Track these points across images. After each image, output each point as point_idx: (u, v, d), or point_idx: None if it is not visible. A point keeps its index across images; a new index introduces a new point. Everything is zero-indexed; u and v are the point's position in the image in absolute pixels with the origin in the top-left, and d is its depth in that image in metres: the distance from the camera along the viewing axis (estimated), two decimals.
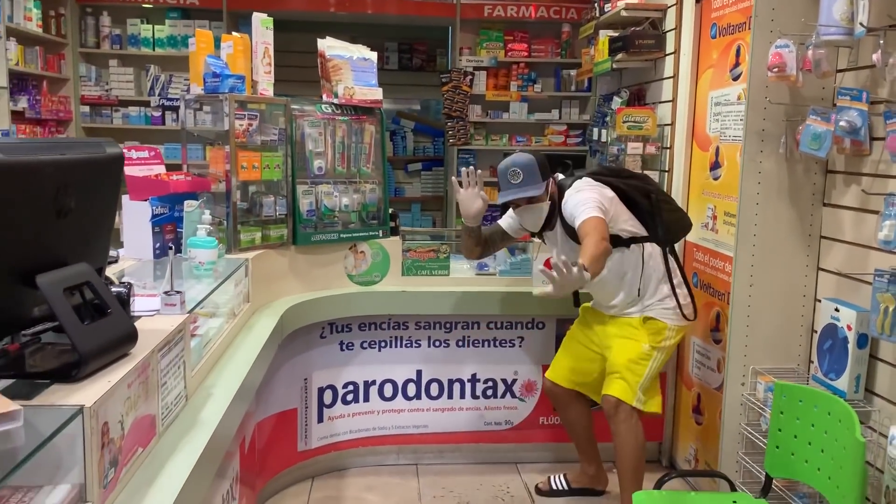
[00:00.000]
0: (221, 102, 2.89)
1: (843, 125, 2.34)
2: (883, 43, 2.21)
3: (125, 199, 2.70)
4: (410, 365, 3.60)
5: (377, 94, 3.38)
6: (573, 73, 6.21)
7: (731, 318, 2.84)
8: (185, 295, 1.93)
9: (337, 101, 3.28)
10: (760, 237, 2.78)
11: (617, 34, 4.12)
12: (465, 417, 3.66)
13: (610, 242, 2.65)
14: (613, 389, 2.92)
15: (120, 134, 6.01)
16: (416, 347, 3.58)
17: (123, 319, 1.55)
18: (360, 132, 3.38)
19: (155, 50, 6.09)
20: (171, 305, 1.88)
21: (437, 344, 3.59)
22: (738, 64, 3.06)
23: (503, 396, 3.67)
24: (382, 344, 3.56)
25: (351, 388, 3.55)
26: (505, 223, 3.17)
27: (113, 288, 1.64)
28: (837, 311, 2.46)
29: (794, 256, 2.77)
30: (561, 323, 3.51)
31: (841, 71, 2.57)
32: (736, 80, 3.07)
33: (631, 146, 3.83)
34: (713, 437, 3.11)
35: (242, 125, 2.90)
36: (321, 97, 3.33)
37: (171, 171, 3.06)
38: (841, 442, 2.17)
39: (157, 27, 6.08)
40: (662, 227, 2.97)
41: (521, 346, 3.63)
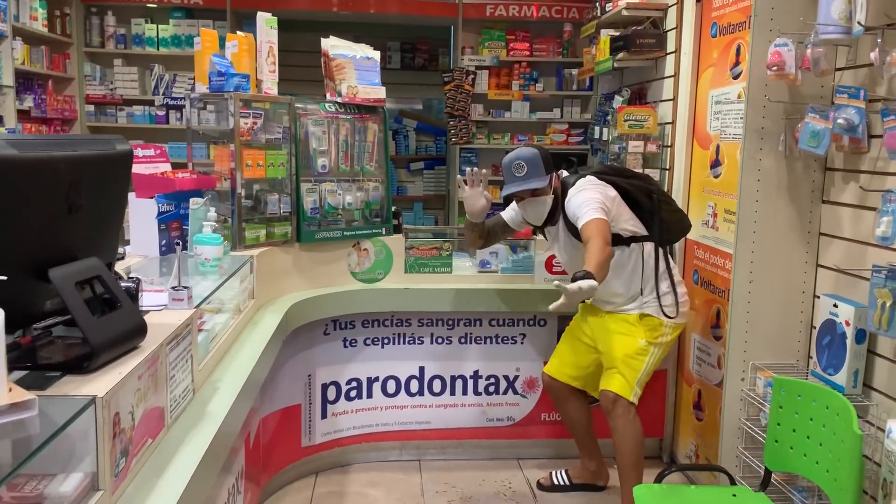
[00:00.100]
0: (226, 101, 2.93)
1: (840, 123, 2.37)
2: (881, 41, 2.23)
3: (131, 196, 2.72)
4: (413, 361, 3.63)
5: (380, 92, 3.41)
6: (575, 72, 6.23)
7: (730, 314, 2.86)
8: (192, 290, 1.97)
9: (340, 99, 3.31)
10: (760, 234, 2.80)
11: (618, 33, 4.14)
12: (467, 414, 3.69)
13: (611, 242, 2.69)
14: (611, 384, 2.95)
15: (124, 133, 5.91)
16: (418, 344, 3.61)
17: (133, 313, 1.58)
18: (363, 131, 3.41)
19: (159, 49, 6.11)
20: (178, 300, 1.91)
21: (439, 341, 3.62)
22: (738, 63, 3.08)
23: (505, 393, 3.69)
24: (385, 341, 3.59)
25: (354, 384, 3.58)
26: (507, 215, 3.23)
27: (122, 283, 1.67)
28: (836, 306, 2.48)
29: (793, 253, 2.79)
30: (562, 320, 3.52)
31: (840, 69, 2.59)
32: (736, 78, 3.10)
33: (632, 144, 3.85)
34: (713, 433, 3.13)
35: (247, 124, 2.93)
36: (325, 96, 3.36)
37: (175, 169, 3.09)
38: (839, 435, 2.20)
39: (161, 27, 6.10)
40: (663, 227, 3.02)
41: (522, 342, 3.65)
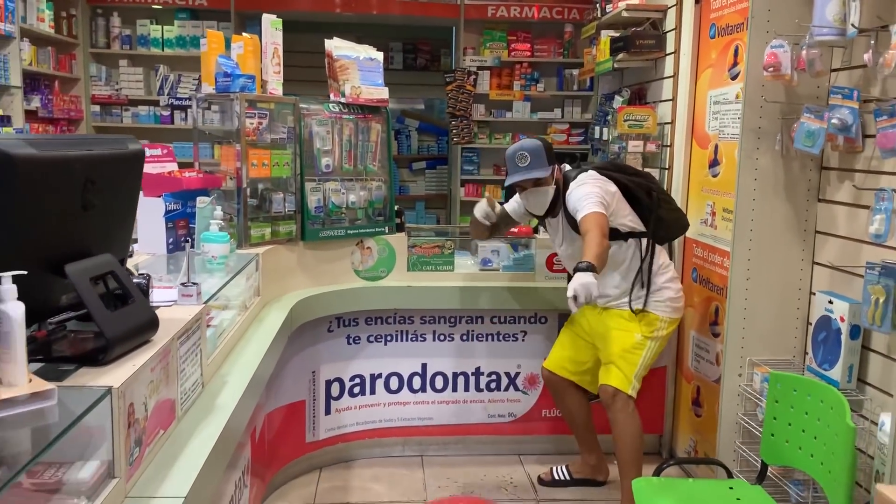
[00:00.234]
0: (232, 101, 2.97)
1: (834, 122, 2.41)
2: (874, 43, 2.27)
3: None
4: (416, 358, 3.68)
5: (383, 93, 3.45)
6: (575, 72, 6.26)
7: (728, 311, 2.91)
8: (200, 287, 2.02)
9: (344, 100, 3.35)
10: (757, 232, 2.84)
11: (618, 34, 4.19)
12: (469, 410, 3.74)
13: (609, 236, 2.77)
14: (610, 379, 3.01)
15: (129, 133, 6.01)
16: (421, 341, 3.66)
17: (145, 308, 1.63)
18: (366, 131, 3.46)
19: (164, 50, 6.15)
20: (187, 296, 1.96)
21: (441, 338, 3.67)
22: (736, 63, 3.12)
23: (506, 389, 3.74)
24: (388, 338, 3.64)
25: (358, 380, 3.63)
26: (510, 207, 3.30)
27: (133, 279, 1.72)
28: (831, 303, 2.52)
29: (789, 251, 2.83)
30: (563, 317, 3.57)
31: (835, 70, 2.63)
32: (734, 79, 3.14)
33: (632, 144, 3.90)
34: (712, 428, 3.17)
35: (253, 124, 2.98)
36: (328, 96, 3.40)
37: (182, 168, 3.14)
38: (833, 428, 2.24)
39: (166, 28, 6.15)
40: (661, 224, 3.07)
41: (524, 340, 3.70)
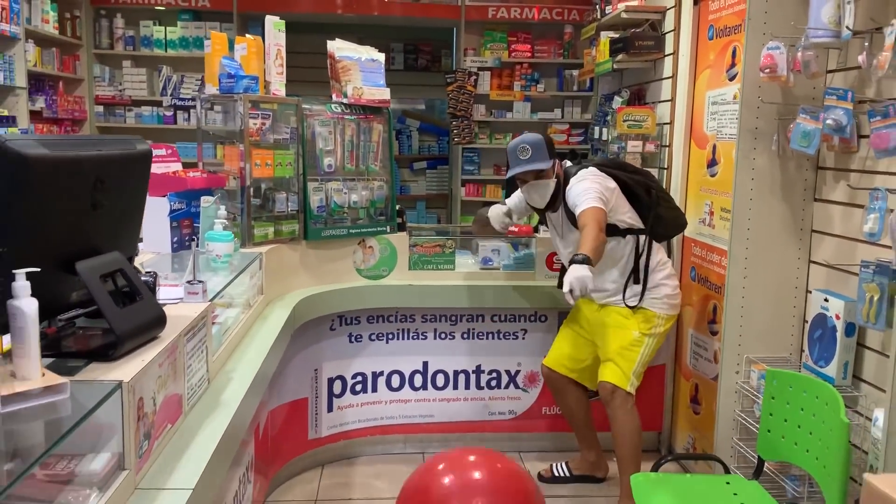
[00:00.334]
0: (236, 102, 3.01)
1: (829, 123, 2.45)
2: (868, 45, 2.31)
3: None
4: (417, 356, 3.71)
5: (385, 94, 3.49)
6: (575, 73, 6.30)
7: (725, 309, 2.94)
8: (206, 285, 2.05)
9: (346, 100, 3.39)
10: (754, 232, 2.88)
11: (618, 35, 4.22)
12: (469, 407, 3.77)
13: (606, 232, 2.82)
14: (608, 376, 3.05)
15: (133, 133, 6.10)
16: (422, 339, 3.70)
17: (153, 304, 1.67)
18: (368, 131, 3.49)
19: (167, 51, 6.19)
20: (193, 294, 2.00)
21: (442, 336, 3.71)
22: (734, 65, 3.16)
23: (507, 387, 3.78)
24: (390, 336, 3.67)
25: (359, 378, 3.67)
26: (511, 202, 3.37)
27: (141, 276, 1.76)
28: (827, 301, 2.56)
29: (786, 250, 2.87)
30: (563, 315, 3.60)
31: (831, 71, 2.67)
32: (732, 80, 3.17)
33: (631, 144, 3.93)
34: (710, 425, 3.21)
35: (256, 124, 3.02)
36: (330, 97, 3.44)
37: (185, 168, 3.18)
38: (828, 424, 2.28)
39: (169, 29, 6.18)
40: (659, 222, 3.11)
41: (524, 338, 3.74)
